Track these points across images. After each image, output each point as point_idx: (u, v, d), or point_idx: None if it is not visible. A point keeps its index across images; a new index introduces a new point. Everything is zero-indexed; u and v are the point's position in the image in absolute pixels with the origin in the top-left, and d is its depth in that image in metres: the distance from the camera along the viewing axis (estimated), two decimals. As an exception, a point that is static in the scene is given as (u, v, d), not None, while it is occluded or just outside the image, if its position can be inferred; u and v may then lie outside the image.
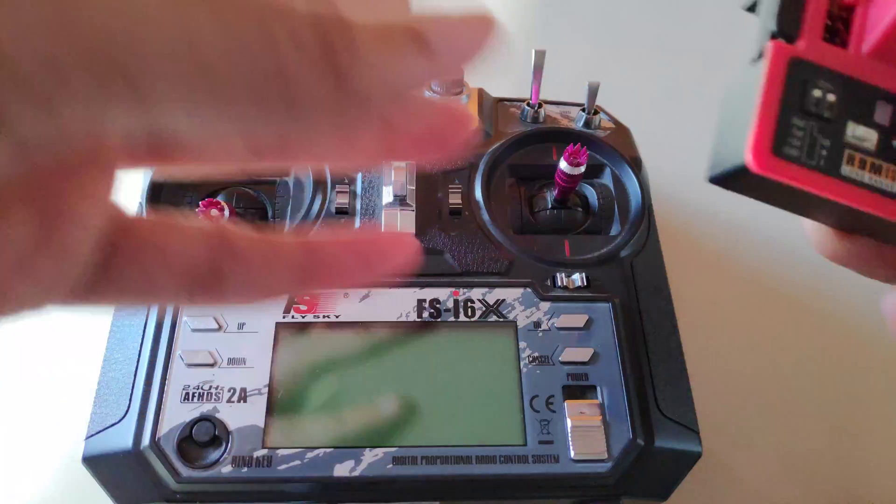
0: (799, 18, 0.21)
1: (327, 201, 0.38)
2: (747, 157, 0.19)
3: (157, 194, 0.38)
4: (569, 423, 0.32)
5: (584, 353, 0.34)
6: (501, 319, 0.35)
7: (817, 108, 0.20)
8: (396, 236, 0.25)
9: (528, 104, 0.43)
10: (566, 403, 0.32)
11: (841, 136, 0.20)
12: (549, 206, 0.40)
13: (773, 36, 0.21)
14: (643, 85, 0.66)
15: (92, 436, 0.31)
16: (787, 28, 0.21)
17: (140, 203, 0.38)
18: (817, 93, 0.20)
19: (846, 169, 0.20)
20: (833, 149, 0.20)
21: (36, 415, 0.43)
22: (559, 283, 0.36)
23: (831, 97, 0.20)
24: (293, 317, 0.34)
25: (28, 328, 0.47)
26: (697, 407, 0.35)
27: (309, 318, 0.34)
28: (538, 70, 0.41)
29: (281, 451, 0.31)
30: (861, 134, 0.20)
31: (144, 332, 0.33)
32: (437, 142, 0.18)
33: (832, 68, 0.20)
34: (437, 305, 0.35)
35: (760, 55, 0.21)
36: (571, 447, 0.31)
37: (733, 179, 0.20)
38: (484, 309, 0.35)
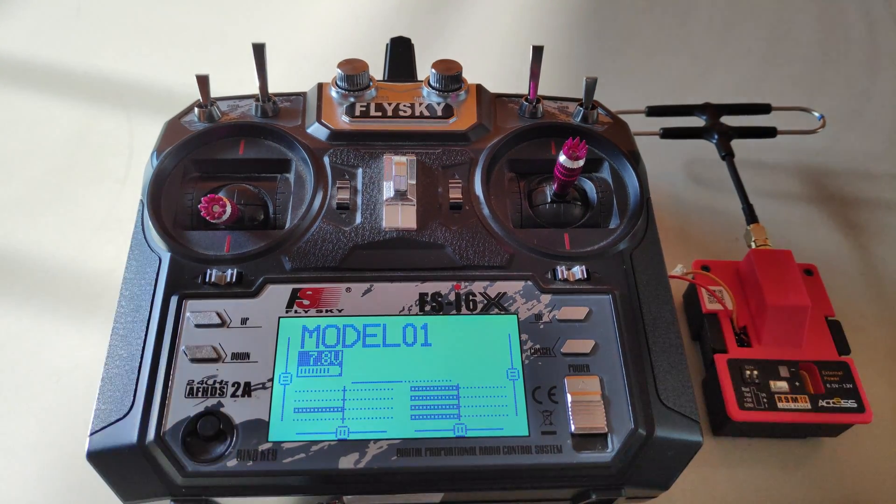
0: (724, 342, 0.43)
1: (328, 197, 0.38)
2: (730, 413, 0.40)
3: (158, 191, 0.38)
4: (569, 398, 0.32)
5: (584, 345, 0.34)
6: (503, 312, 0.35)
7: (751, 380, 0.41)
8: None
9: (527, 100, 0.43)
10: (566, 380, 0.33)
11: (769, 389, 0.41)
12: (549, 199, 0.40)
13: (714, 352, 0.43)
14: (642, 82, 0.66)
15: (96, 432, 0.31)
16: (719, 348, 0.43)
17: (141, 200, 0.38)
18: (747, 373, 0.41)
19: (780, 405, 0.40)
20: (768, 397, 0.40)
21: (38, 411, 0.43)
22: (559, 276, 0.36)
23: (755, 372, 0.41)
24: (296, 311, 0.34)
25: (31, 325, 0.47)
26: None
27: (312, 312, 0.34)
28: (536, 66, 0.41)
29: (286, 445, 0.31)
30: (779, 386, 0.41)
31: (148, 328, 0.33)
32: None
33: (748, 358, 0.42)
34: (439, 299, 0.35)
35: (712, 362, 0.43)
36: (572, 421, 0.31)
37: (723, 426, 0.42)
38: (485, 302, 0.35)
